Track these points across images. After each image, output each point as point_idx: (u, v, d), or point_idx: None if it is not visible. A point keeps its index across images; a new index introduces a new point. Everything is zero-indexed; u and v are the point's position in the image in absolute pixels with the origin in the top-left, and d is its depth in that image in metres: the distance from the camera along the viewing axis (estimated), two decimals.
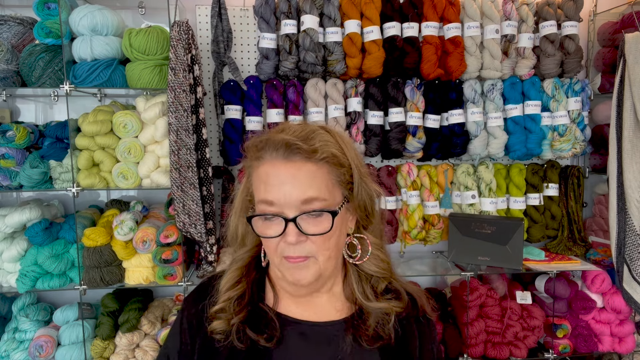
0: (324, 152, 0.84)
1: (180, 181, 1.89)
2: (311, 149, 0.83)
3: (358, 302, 0.93)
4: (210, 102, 2.27)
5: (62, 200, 2.29)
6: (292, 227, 0.82)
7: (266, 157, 0.85)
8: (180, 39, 1.84)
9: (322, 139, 0.85)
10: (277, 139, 0.85)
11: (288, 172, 0.82)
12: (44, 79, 1.93)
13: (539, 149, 2.27)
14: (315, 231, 0.83)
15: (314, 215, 0.83)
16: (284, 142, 0.83)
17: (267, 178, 0.84)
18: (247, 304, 0.92)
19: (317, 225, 0.83)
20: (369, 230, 0.96)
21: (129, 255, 1.98)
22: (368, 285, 0.94)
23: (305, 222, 0.82)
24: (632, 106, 2.08)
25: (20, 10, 2.16)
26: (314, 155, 0.83)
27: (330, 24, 2.12)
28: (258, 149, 0.87)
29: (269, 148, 0.85)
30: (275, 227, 0.83)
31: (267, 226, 0.85)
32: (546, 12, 2.24)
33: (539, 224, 2.35)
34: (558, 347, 2.24)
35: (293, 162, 0.83)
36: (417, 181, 2.25)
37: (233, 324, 0.89)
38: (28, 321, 2.08)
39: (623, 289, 2.16)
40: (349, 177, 0.88)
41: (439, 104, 2.22)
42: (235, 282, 0.94)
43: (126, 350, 2.03)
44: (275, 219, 0.83)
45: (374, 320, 0.91)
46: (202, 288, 1.00)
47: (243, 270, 0.96)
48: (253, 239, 0.97)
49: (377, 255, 0.95)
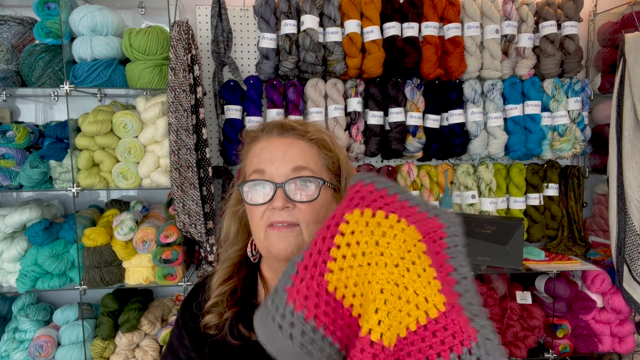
0: (315, 135, 0.90)
1: (180, 181, 1.89)
2: (304, 129, 0.90)
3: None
4: (210, 102, 2.27)
5: (62, 200, 2.29)
6: (280, 192, 0.85)
7: (262, 137, 0.92)
8: (180, 39, 1.84)
9: (315, 127, 0.93)
10: (273, 122, 0.93)
11: (281, 145, 0.88)
12: (44, 79, 1.93)
13: (539, 149, 2.27)
14: (302, 198, 0.86)
15: (302, 184, 0.86)
16: (279, 123, 0.92)
17: (261, 152, 0.89)
18: (239, 298, 0.94)
19: (304, 191, 0.86)
20: None
21: (129, 255, 1.98)
22: None
23: (293, 189, 0.86)
24: (632, 106, 2.08)
25: (20, 10, 2.16)
26: (306, 135, 0.90)
27: (330, 24, 2.12)
28: (255, 133, 0.94)
29: (264, 129, 0.93)
30: (264, 194, 0.87)
31: (256, 194, 0.88)
32: (546, 12, 2.24)
33: (539, 224, 2.35)
34: (558, 347, 2.24)
35: (286, 138, 0.90)
36: (417, 181, 2.25)
37: (226, 318, 0.91)
38: (28, 321, 2.08)
39: (623, 289, 2.16)
40: (337, 168, 0.93)
41: (439, 104, 2.22)
42: (225, 278, 0.97)
43: (126, 350, 2.03)
44: (265, 186, 0.87)
45: None
46: (197, 288, 1.04)
47: (233, 268, 0.99)
48: (243, 238, 1.00)
49: None
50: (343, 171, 0.93)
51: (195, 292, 1.03)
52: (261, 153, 0.89)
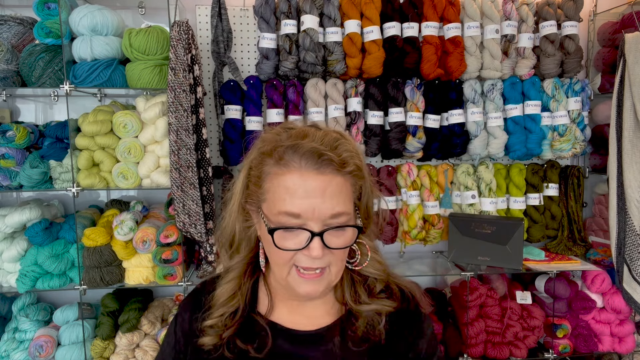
0: (351, 165, 0.81)
1: (180, 181, 1.89)
2: (341, 160, 0.80)
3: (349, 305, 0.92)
4: (210, 102, 2.27)
5: (62, 200, 2.29)
6: (318, 241, 0.79)
7: (293, 165, 0.79)
8: (180, 39, 1.84)
9: (346, 148, 0.82)
10: (307, 146, 0.79)
11: (319, 186, 0.78)
12: (44, 79, 1.93)
13: (539, 149, 2.27)
14: (338, 244, 0.81)
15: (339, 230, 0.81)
16: (316, 152, 0.78)
17: (294, 189, 0.78)
18: (239, 317, 0.90)
19: (340, 238, 0.82)
20: (366, 234, 0.94)
21: (129, 255, 1.98)
22: (361, 288, 0.93)
23: (330, 235, 0.80)
24: (632, 106, 2.08)
25: (20, 10, 2.16)
26: (344, 168, 0.80)
27: (330, 24, 2.12)
28: (282, 154, 0.80)
29: (296, 154, 0.79)
30: (296, 239, 0.80)
31: (286, 237, 0.80)
32: (546, 12, 2.24)
33: (539, 224, 2.35)
34: (558, 347, 2.24)
35: (324, 175, 0.79)
36: (417, 181, 2.25)
37: (224, 337, 0.88)
38: (28, 321, 2.08)
39: (623, 289, 2.16)
40: (360, 188, 0.87)
41: (439, 104, 2.22)
42: (230, 295, 0.92)
43: (126, 350, 2.03)
44: (298, 231, 0.80)
45: (363, 321, 0.89)
46: (196, 296, 0.98)
47: (239, 281, 0.93)
48: (248, 246, 0.94)
49: (375, 258, 0.94)
50: (364, 195, 0.88)
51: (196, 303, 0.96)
52: (295, 191, 0.78)
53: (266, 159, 0.83)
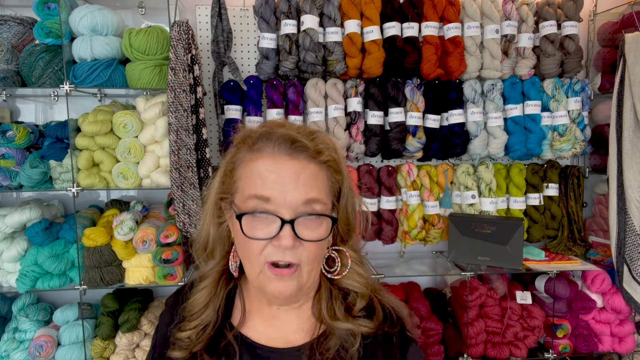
0: (327, 155, 0.79)
1: (180, 181, 1.89)
2: (316, 148, 0.78)
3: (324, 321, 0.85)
4: (210, 102, 2.27)
5: (62, 200, 2.29)
6: (289, 230, 0.74)
7: (266, 150, 0.77)
8: (180, 39, 1.84)
9: (323, 141, 0.80)
10: (280, 132, 0.78)
11: (292, 170, 0.76)
12: (44, 79, 1.93)
13: (539, 149, 2.27)
14: (311, 237, 0.76)
15: (312, 219, 0.77)
16: (289, 137, 0.77)
17: (266, 173, 0.76)
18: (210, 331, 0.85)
19: (314, 230, 0.77)
20: (348, 245, 0.89)
21: (129, 255, 1.98)
22: (340, 304, 0.86)
23: (302, 225, 0.76)
24: (632, 106, 2.08)
25: (20, 10, 2.16)
26: (319, 157, 0.78)
27: (330, 24, 2.12)
28: (255, 141, 0.79)
29: (270, 141, 0.77)
30: (266, 227, 0.76)
31: (256, 227, 0.76)
32: (546, 12, 2.24)
33: (539, 224, 2.35)
34: (558, 347, 2.24)
35: (298, 160, 0.76)
36: (417, 181, 2.25)
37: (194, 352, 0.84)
38: (28, 321, 2.08)
39: (623, 289, 2.16)
40: (338, 187, 0.83)
41: (439, 104, 2.22)
42: (203, 306, 0.87)
43: (126, 350, 2.03)
44: (267, 219, 0.75)
45: (335, 342, 0.82)
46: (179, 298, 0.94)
47: (212, 290, 0.88)
48: (222, 250, 0.89)
49: (356, 270, 0.88)
50: (343, 196, 0.83)
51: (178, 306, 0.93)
52: (266, 174, 0.75)
53: (240, 147, 0.81)
